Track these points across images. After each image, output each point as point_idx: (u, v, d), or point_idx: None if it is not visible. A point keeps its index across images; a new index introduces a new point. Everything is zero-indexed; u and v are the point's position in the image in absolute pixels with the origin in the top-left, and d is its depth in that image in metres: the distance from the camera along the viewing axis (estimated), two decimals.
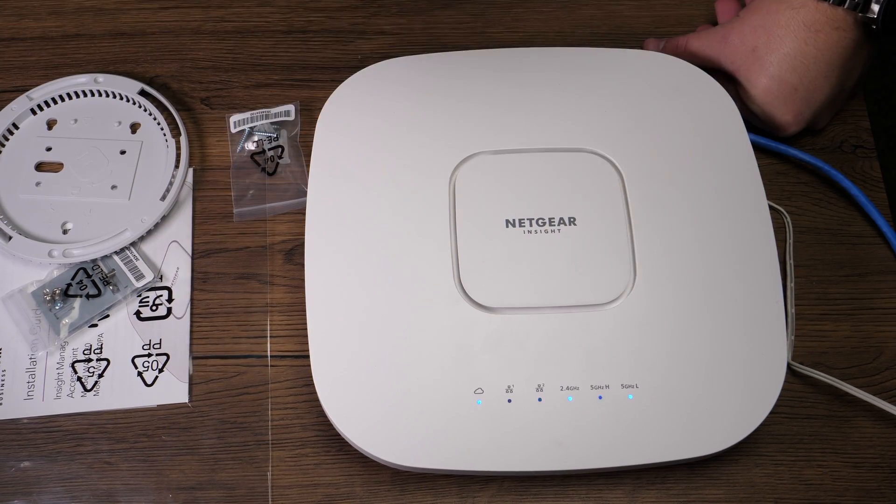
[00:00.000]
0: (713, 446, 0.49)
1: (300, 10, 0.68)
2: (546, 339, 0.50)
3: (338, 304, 0.51)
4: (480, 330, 0.50)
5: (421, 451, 0.48)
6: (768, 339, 0.51)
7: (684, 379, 0.50)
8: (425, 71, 0.59)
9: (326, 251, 0.52)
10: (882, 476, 0.53)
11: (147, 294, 0.57)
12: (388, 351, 0.50)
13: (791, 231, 0.59)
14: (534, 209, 0.53)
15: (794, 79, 0.58)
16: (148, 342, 0.55)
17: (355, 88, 0.58)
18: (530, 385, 0.49)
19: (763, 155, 0.62)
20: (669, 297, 0.51)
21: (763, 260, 0.53)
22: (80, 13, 0.67)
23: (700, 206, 0.54)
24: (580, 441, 0.48)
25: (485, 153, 0.55)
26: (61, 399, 0.54)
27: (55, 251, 0.56)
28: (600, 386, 0.49)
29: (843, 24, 0.56)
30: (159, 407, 0.54)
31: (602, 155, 0.55)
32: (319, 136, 0.56)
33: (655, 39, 0.65)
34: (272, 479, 0.52)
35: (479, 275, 0.52)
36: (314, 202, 0.54)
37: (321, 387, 0.49)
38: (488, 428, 0.48)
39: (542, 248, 0.52)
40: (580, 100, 0.57)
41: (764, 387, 0.50)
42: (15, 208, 0.59)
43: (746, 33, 0.59)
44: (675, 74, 0.59)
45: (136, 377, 0.54)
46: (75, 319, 0.55)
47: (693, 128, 0.57)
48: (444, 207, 0.53)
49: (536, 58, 0.60)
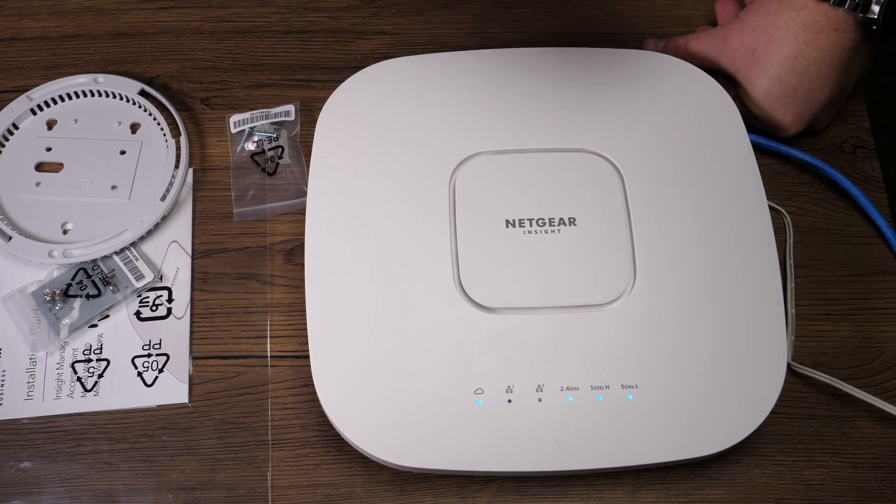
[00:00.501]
0: (713, 447, 0.49)
1: (300, 10, 0.68)
2: (546, 339, 0.50)
3: (338, 304, 0.51)
4: (480, 330, 0.50)
5: (421, 451, 0.48)
6: (768, 339, 0.51)
7: (684, 379, 0.50)
8: (425, 71, 0.59)
9: (326, 251, 0.52)
10: (882, 476, 0.53)
11: (147, 294, 0.57)
12: (387, 351, 0.50)
13: (791, 231, 0.59)
14: (534, 209, 0.53)
15: (795, 80, 0.58)
16: (148, 342, 0.55)
17: (355, 88, 0.58)
18: (530, 385, 0.49)
19: (763, 155, 0.62)
20: (669, 297, 0.51)
21: (763, 260, 0.53)
22: (80, 13, 0.67)
23: (700, 207, 0.54)
24: (580, 441, 0.48)
25: (485, 153, 0.55)
26: (61, 399, 0.54)
27: (55, 251, 0.56)
28: (600, 386, 0.49)
29: (844, 26, 0.56)
30: (159, 407, 0.54)
31: (602, 155, 0.55)
32: (320, 136, 0.56)
33: (655, 39, 0.65)
34: (272, 479, 0.52)
35: (479, 275, 0.52)
36: (314, 202, 0.54)
37: (321, 387, 0.49)
38: (488, 428, 0.48)
39: (542, 248, 0.52)
40: (581, 100, 0.57)
41: (764, 387, 0.50)
42: (15, 208, 0.59)
43: (746, 35, 0.59)
44: (675, 75, 0.59)
45: (136, 377, 0.54)
46: (75, 320, 0.55)
47: (693, 128, 0.57)
48: (444, 207, 0.53)
49: (537, 58, 0.60)
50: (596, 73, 0.59)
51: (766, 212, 0.54)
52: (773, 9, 0.58)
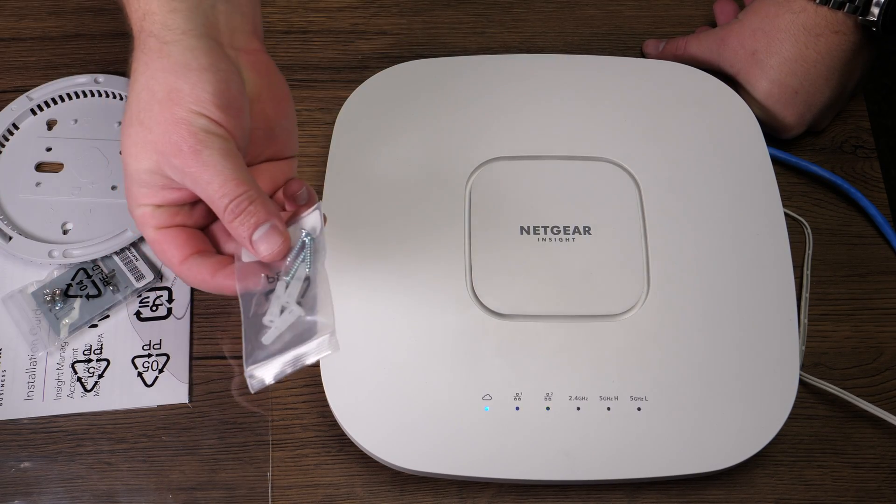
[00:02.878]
0: (721, 462, 0.48)
1: (300, 10, 0.68)
2: (556, 347, 0.50)
3: (350, 306, 0.50)
4: (491, 336, 0.50)
5: (428, 455, 0.48)
6: (780, 355, 0.50)
7: (693, 393, 0.49)
8: (443, 74, 0.58)
9: (340, 253, 0.52)
10: (882, 476, 0.53)
11: (147, 294, 0.56)
12: (398, 354, 0.50)
13: (811, 241, 0.59)
14: (549, 217, 0.53)
15: (795, 82, 0.58)
16: (148, 342, 0.55)
17: (372, 92, 0.58)
18: (539, 393, 0.49)
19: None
20: (682, 309, 0.51)
21: (778, 274, 0.52)
22: (80, 13, 0.67)
23: (716, 218, 0.53)
24: (587, 452, 0.48)
25: (501, 159, 0.55)
26: (61, 399, 0.54)
27: (55, 251, 0.56)
28: (609, 397, 0.49)
29: (843, 28, 0.56)
30: (159, 407, 0.54)
31: (619, 164, 0.55)
32: (336, 139, 0.56)
33: (655, 41, 0.65)
34: (272, 479, 0.52)
35: (491, 281, 0.51)
36: (329, 205, 0.53)
37: (330, 390, 0.49)
38: (496, 435, 0.48)
39: (556, 256, 0.52)
40: (598, 108, 0.57)
41: (775, 402, 0.49)
42: (15, 209, 0.59)
43: (746, 36, 0.59)
44: (694, 85, 0.58)
45: (137, 377, 0.54)
46: (75, 320, 0.55)
47: (711, 139, 0.56)
48: (459, 212, 0.53)
49: (556, 64, 0.59)
50: (615, 82, 0.58)
51: (782, 224, 0.53)
52: (772, 11, 0.58)
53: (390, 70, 0.58)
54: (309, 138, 0.61)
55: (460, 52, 0.65)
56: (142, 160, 0.42)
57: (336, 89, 0.63)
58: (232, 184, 0.41)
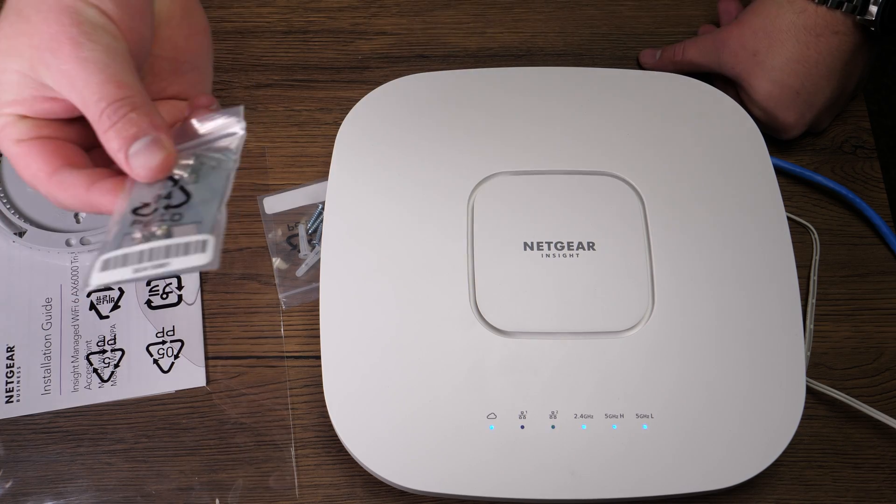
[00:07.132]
0: (728, 480, 0.48)
1: (300, 10, 0.68)
2: (561, 365, 0.49)
3: (352, 322, 0.50)
4: (495, 354, 0.49)
5: (432, 475, 0.47)
6: (786, 367, 0.50)
7: (699, 410, 0.49)
8: (445, 88, 0.58)
9: (342, 268, 0.51)
10: (882, 477, 0.53)
11: (156, 283, 0.57)
12: (401, 372, 0.49)
13: (818, 246, 0.59)
14: (553, 232, 0.52)
15: (796, 83, 0.58)
16: (161, 329, 0.55)
17: (374, 105, 0.57)
18: (544, 412, 0.48)
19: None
20: (687, 326, 0.50)
21: (783, 290, 0.51)
22: None
23: (721, 233, 0.53)
24: (593, 471, 0.47)
25: (504, 174, 0.54)
26: (79, 391, 0.54)
27: (72, 240, 0.57)
28: (615, 415, 0.48)
29: (843, 28, 0.56)
30: (163, 403, 0.54)
31: (623, 179, 0.54)
32: (337, 153, 0.55)
33: (651, 51, 0.65)
34: (273, 479, 0.52)
35: (495, 297, 0.51)
36: (331, 218, 0.53)
37: (333, 407, 0.49)
38: (500, 454, 0.48)
39: (560, 272, 0.51)
40: (602, 122, 0.56)
41: (782, 416, 0.49)
42: (26, 202, 0.59)
43: (747, 37, 0.59)
44: (698, 98, 0.58)
45: (153, 365, 0.54)
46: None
47: (714, 151, 0.56)
48: (461, 228, 0.53)
49: (559, 77, 0.58)
50: (618, 95, 0.58)
51: (787, 236, 0.53)
52: (772, 11, 0.58)
53: (391, 84, 0.58)
54: (309, 138, 0.61)
55: (460, 53, 0.65)
56: (12, 57, 0.35)
57: (336, 89, 0.63)
58: (111, 85, 0.35)
